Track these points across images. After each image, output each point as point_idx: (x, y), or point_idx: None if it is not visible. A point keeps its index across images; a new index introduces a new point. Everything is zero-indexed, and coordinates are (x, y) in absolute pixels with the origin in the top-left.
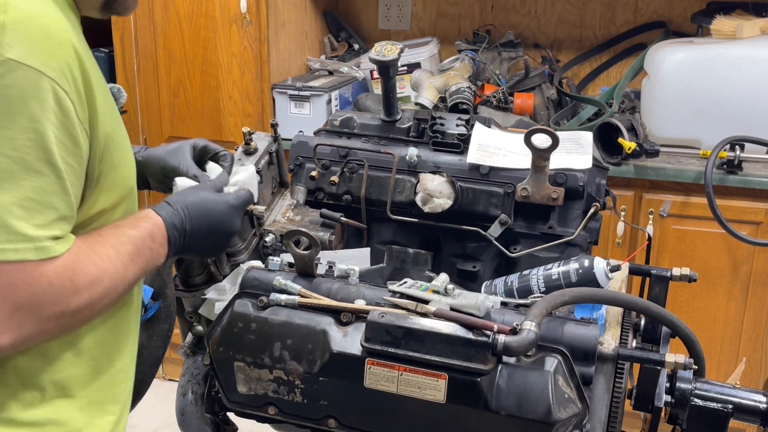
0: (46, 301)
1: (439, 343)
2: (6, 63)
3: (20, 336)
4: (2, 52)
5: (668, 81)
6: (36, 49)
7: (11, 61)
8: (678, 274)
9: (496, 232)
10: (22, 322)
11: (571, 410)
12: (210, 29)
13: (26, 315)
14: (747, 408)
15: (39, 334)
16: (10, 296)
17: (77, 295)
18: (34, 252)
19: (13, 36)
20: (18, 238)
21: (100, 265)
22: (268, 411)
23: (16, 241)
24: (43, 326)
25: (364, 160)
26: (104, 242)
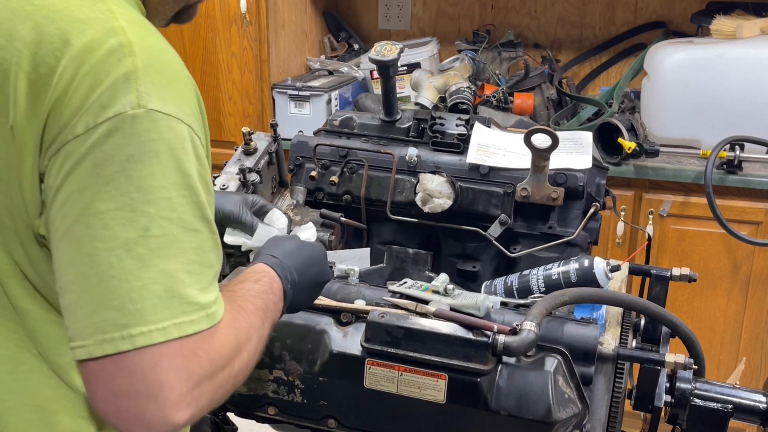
0: (219, 367)
1: (439, 343)
2: (149, 115)
3: (197, 410)
4: (143, 102)
5: (668, 81)
6: (172, 95)
7: (154, 113)
8: (678, 274)
9: (496, 232)
10: (200, 395)
11: (571, 410)
12: (210, 29)
13: (204, 387)
14: (747, 408)
15: (209, 406)
16: (193, 371)
17: (240, 355)
18: (206, 320)
19: (148, 82)
20: (191, 308)
21: (247, 320)
22: (268, 411)
23: (190, 312)
24: (213, 395)
25: (364, 160)
26: (239, 297)
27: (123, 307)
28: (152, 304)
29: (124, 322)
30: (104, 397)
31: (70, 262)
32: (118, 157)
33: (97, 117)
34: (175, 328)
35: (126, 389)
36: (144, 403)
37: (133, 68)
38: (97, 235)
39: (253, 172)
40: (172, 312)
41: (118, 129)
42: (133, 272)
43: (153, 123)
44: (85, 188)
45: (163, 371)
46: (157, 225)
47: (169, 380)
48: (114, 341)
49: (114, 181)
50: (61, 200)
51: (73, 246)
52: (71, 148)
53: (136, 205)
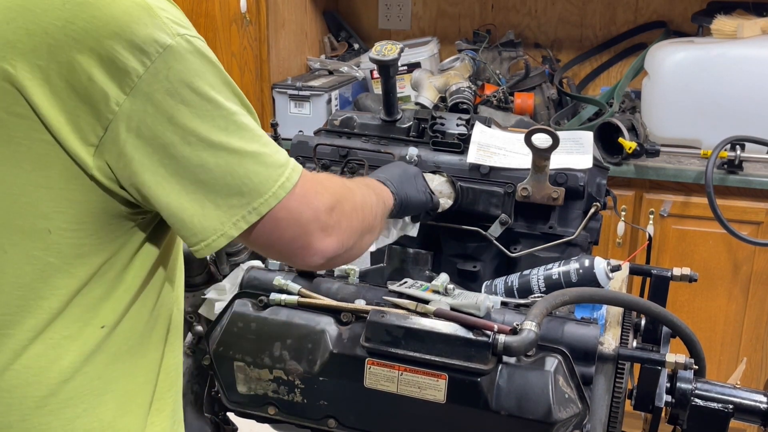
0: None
1: (439, 343)
2: (183, 39)
3: (342, 233)
4: (173, 31)
5: (669, 81)
6: (182, 21)
7: (185, 36)
8: (678, 274)
9: (497, 232)
10: (338, 220)
11: (571, 410)
12: (210, 29)
13: (337, 212)
14: (747, 408)
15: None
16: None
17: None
18: (294, 172)
19: (165, 14)
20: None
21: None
22: (268, 411)
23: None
24: (349, 221)
25: (364, 159)
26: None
27: (241, 192)
28: (259, 180)
29: (246, 201)
30: (280, 251)
31: (186, 177)
32: (184, 81)
33: (149, 55)
34: (281, 188)
35: (291, 236)
36: (306, 238)
37: (148, 6)
38: (200, 147)
39: None
40: (273, 178)
41: (172, 58)
42: (236, 163)
43: (191, 44)
44: (172, 116)
45: (303, 212)
46: (232, 122)
47: (311, 215)
48: (245, 217)
49: (191, 101)
50: (155, 134)
51: (183, 165)
52: (142, 88)
53: (214, 113)
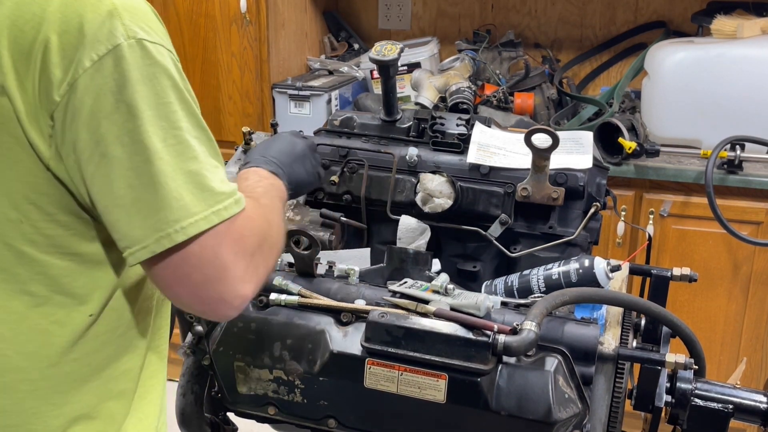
0: (262, 239)
1: (439, 343)
2: (140, 43)
3: (257, 280)
4: (131, 34)
5: (668, 81)
6: (149, 27)
7: (143, 41)
8: (678, 274)
9: (496, 232)
10: (257, 266)
11: (571, 410)
12: (210, 29)
13: (257, 259)
14: (747, 408)
15: (265, 274)
16: (245, 247)
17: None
18: (236, 205)
19: (129, 18)
20: (222, 197)
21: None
22: (268, 411)
23: (221, 200)
24: (266, 264)
25: (364, 159)
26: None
27: (170, 206)
28: (191, 199)
29: (174, 218)
30: (188, 293)
31: (115, 179)
32: (129, 82)
33: (98, 50)
34: (214, 215)
35: (202, 279)
36: (219, 285)
37: (113, 6)
38: (132, 150)
39: None
40: (208, 203)
41: (121, 58)
42: (170, 176)
43: (145, 50)
44: (110, 113)
45: (224, 255)
46: (173, 135)
47: (231, 260)
48: (170, 235)
49: (132, 103)
50: (90, 129)
51: (113, 165)
52: (85, 81)
53: (155, 121)
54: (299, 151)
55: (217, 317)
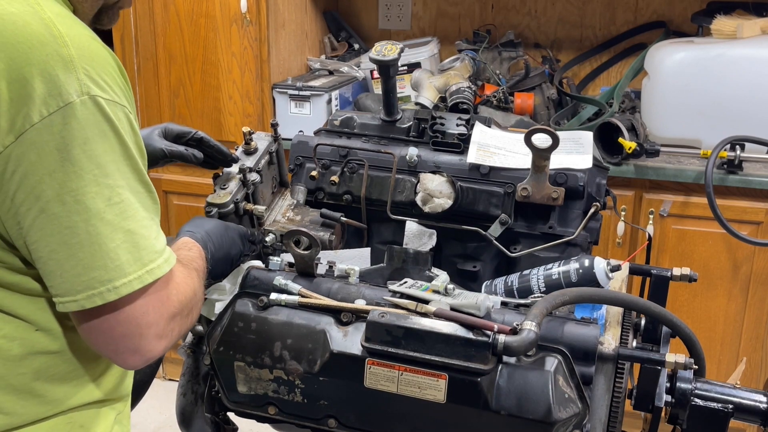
0: (186, 307)
1: (439, 343)
2: (93, 100)
3: (171, 341)
4: (85, 90)
5: (668, 81)
6: (105, 79)
7: (96, 98)
8: (678, 274)
9: (496, 232)
10: (173, 328)
11: (571, 410)
12: (210, 29)
13: (176, 322)
14: (747, 408)
15: (179, 336)
16: (168, 310)
17: (194, 297)
18: (166, 264)
19: (84, 71)
20: (155, 255)
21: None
22: (268, 411)
23: (154, 258)
24: (181, 329)
25: (364, 159)
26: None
27: (105, 266)
28: (127, 259)
29: (108, 278)
30: (105, 342)
31: (51, 235)
32: (77, 141)
33: (48, 106)
34: (148, 274)
35: (123, 333)
36: (137, 341)
37: (70, 59)
38: (73, 210)
39: (253, 172)
40: (143, 262)
41: (71, 116)
42: (107, 236)
43: (98, 108)
44: (53, 171)
45: (149, 315)
46: (116, 194)
47: (154, 320)
48: (102, 294)
49: (78, 162)
50: (31, 184)
51: (51, 221)
52: (31, 137)
53: (99, 180)
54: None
55: (122, 365)
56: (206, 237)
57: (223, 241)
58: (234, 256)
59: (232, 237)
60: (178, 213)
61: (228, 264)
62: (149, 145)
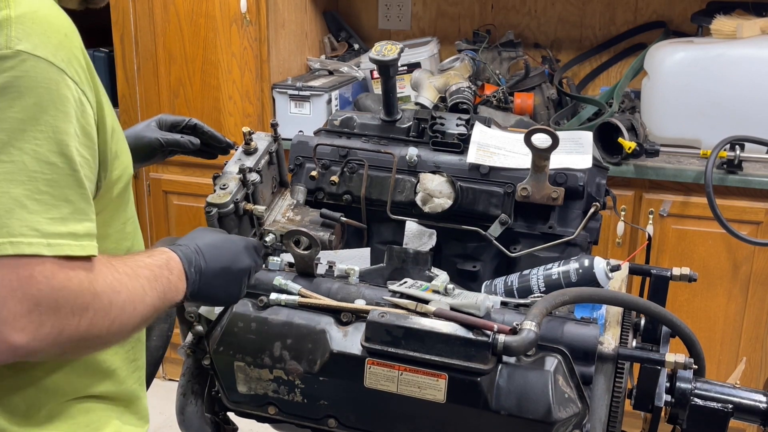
0: (65, 301)
1: (439, 343)
2: (17, 55)
3: (38, 336)
4: (11, 44)
5: (668, 81)
6: (44, 41)
7: (22, 53)
8: (678, 273)
9: (496, 232)
10: (40, 321)
11: (571, 410)
12: (210, 29)
13: (44, 313)
14: (747, 408)
15: (57, 338)
16: (28, 291)
17: (95, 299)
18: (47, 248)
19: (20, 29)
20: (32, 233)
21: (117, 277)
22: (268, 411)
23: (30, 236)
24: (59, 331)
25: (364, 160)
26: (121, 261)
27: None
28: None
29: None
30: None
31: None
32: None
33: None
34: (11, 245)
35: None
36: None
37: (7, 17)
38: None
39: (253, 172)
40: (10, 231)
41: None
42: None
43: (20, 62)
44: None
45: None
46: (7, 152)
47: (1, 295)
48: None
49: None
50: None
51: None
52: None
53: None
54: (235, 270)
55: None
56: (195, 249)
57: (220, 253)
58: (238, 270)
59: (235, 250)
60: (178, 213)
61: (231, 279)
62: (145, 137)
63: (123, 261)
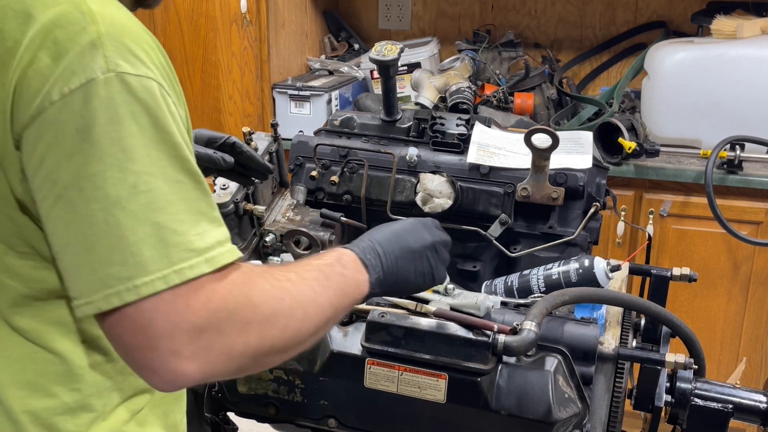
0: (225, 320)
1: (439, 343)
2: (119, 77)
3: (208, 361)
4: (111, 67)
5: (668, 81)
6: (137, 56)
7: (124, 75)
8: (678, 273)
9: (496, 232)
10: (207, 346)
11: (571, 410)
12: (210, 29)
13: (209, 337)
14: (747, 408)
15: (229, 358)
16: (188, 319)
17: (255, 311)
18: (206, 264)
19: (113, 47)
20: (188, 255)
21: (275, 284)
22: (269, 411)
23: (187, 258)
24: (229, 351)
25: (364, 160)
26: (285, 269)
27: (125, 261)
28: (150, 255)
29: (127, 275)
30: (121, 353)
31: (67, 225)
32: (98, 121)
33: (70, 84)
34: (176, 274)
35: (132, 343)
36: (149, 355)
37: (98, 36)
38: (91, 197)
39: None
40: (171, 260)
41: (93, 94)
42: (128, 228)
43: (125, 85)
44: (72, 154)
45: (160, 322)
46: (144, 181)
47: (166, 331)
48: (120, 294)
49: (99, 144)
50: (48, 168)
51: (68, 210)
52: (50, 116)
53: (123, 165)
54: (417, 247)
55: (153, 387)
56: (369, 239)
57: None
58: (421, 247)
59: (411, 229)
60: None
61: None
62: None
63: (287, 268)
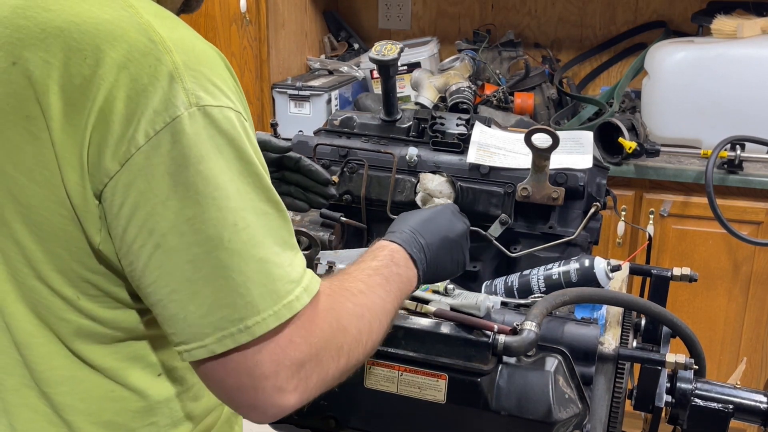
0: (322, 349)
1: (439, 343)
2: (202, 111)
3: (307, 390)
4: (193, 101)
5: (668, 81)
6: (215, 84)
7: (206, 108)
8: (678, 273)
9: (496, 232)
10: (307, 377)
11: (571, 410)
12: (210, 29)
13: (310, 369)
14: (747, 408)
15: (323, 383)
16: (292, 357)
17: (346, 334)
18: (306, 294)
19: (192, 78)
20: (291, 286)
21: (355, 300)
22: None
23: (291, 290)
24: (324, 375)
25: (364, 159)
26: (352, 279)
27: (234, 303)
28: (259, 293)
29: (238, 317)
30: (220, 395)
31: (170, 272)
32: (189, 161)
33: (154, 124)
34: (285, 309)
35: (236, 385)
36: (253, 395)
37: (174, 66)
38: (192, 241)
39: None
40: (279, 295)
41: (180, 132)
42: (234, 268)
43: (209, 118)
44: (167, 199)
45: (266, 363)
46: (241, 218)
47: (271, 371)
48: (233, 335)
49: (193, 185)
50: (143, 217)
51: (169, 257)
52: (138, 162)
53: (220, 203)
54: (453, 236)
55: (252, 421)
56: (410, 230)
57: (435, 225)
58: (456, 236)
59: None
60: None
61: (453, 246)
62: None
63: (352, 277)
